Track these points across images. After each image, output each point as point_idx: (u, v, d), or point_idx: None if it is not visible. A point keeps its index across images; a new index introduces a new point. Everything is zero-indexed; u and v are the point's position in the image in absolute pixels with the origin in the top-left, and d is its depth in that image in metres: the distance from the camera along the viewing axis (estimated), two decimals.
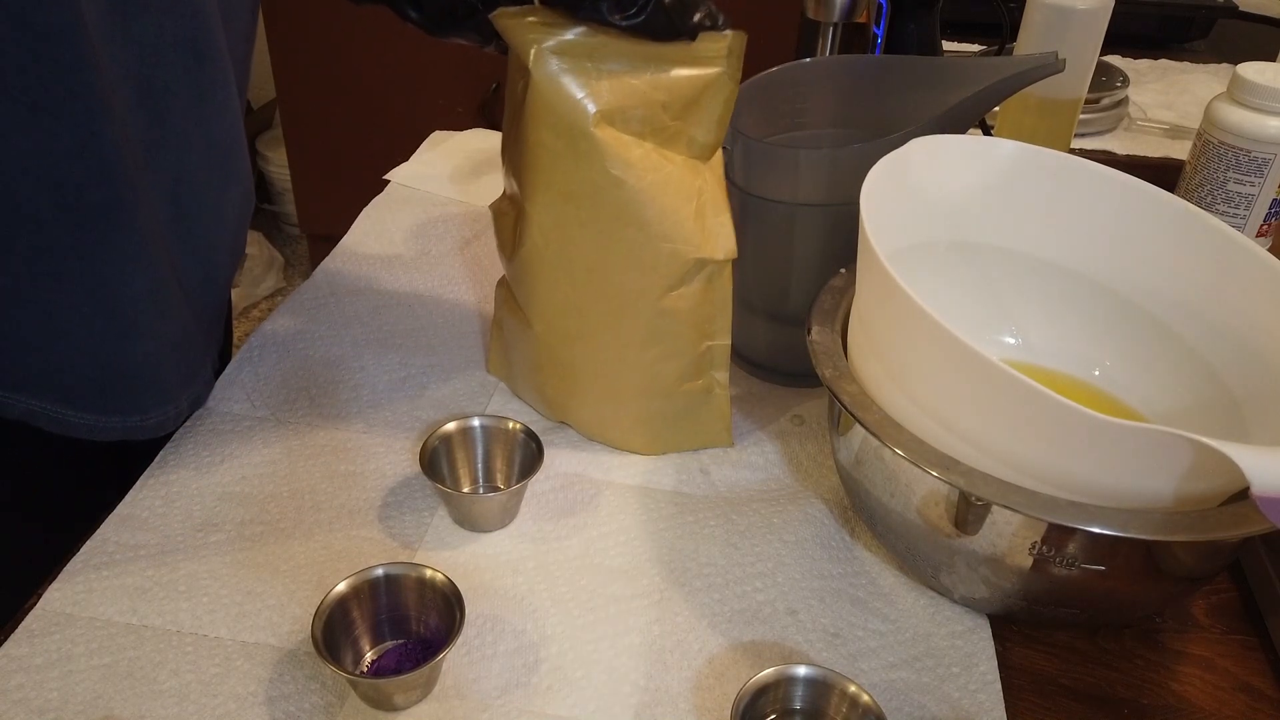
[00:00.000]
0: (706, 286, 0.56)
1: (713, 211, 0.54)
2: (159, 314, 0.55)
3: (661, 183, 0.52)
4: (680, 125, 0.52)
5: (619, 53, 0.50)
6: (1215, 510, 0.43)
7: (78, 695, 0.46)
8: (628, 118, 0.51)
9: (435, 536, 0.55)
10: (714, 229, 0.54)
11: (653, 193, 0.52)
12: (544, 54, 0.50)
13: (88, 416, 0.56)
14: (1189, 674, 0.50)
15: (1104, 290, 0.57)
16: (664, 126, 0.52)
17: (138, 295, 0.54)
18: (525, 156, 0.54)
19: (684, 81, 0.51)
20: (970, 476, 0.43)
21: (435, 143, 1.00)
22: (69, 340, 0.53)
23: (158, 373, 0.57)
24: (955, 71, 0.62)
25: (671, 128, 0.52)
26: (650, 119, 0.52)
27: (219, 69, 0.54)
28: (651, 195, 0.52)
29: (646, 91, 0.51)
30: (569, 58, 0.50)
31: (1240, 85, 0.70)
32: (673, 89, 0.51)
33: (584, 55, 0.50)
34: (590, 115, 0.50)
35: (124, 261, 0.52)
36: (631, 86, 0.51)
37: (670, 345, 0.57)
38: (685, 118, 0.52)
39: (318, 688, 0.47)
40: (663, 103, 0.51)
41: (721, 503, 0.58)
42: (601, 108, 0.51)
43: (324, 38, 1.76)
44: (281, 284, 2.17)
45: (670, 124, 0.52)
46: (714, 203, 0.54)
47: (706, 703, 0.47)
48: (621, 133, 0.51)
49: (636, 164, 0.52)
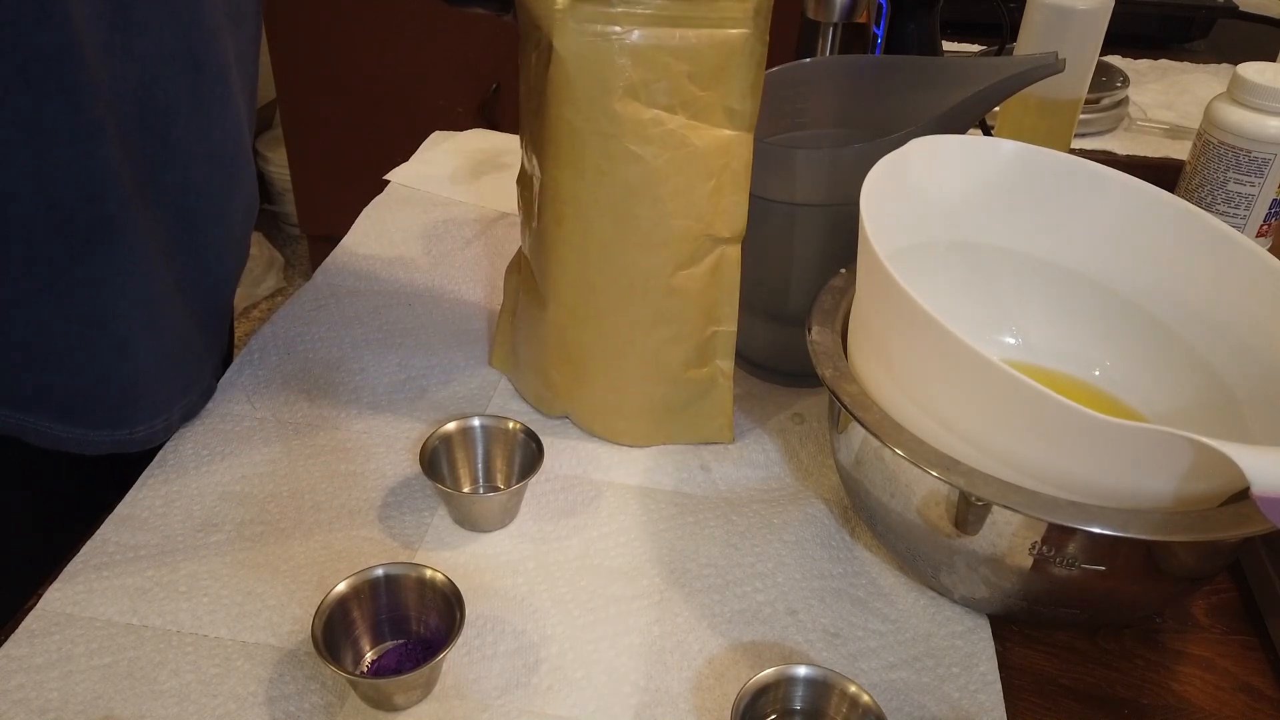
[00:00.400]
0: (714, 269, 0.57)
1: (731, 190, 0.55)
2: (153, 331, 0.55)
3: (681, 160, 0.53)
4: (711, 95, 0.52)
5: (641, 23, 0.50)
6: (1215, 510, 0.43)
7: (78, 695, 0.46)
8: (652, 92, 0.51)
9: (435, 536, 0.55)
10: (728, 207, 0.55)
11: (668, 170, 0.53)
12: (568, 30, 0.50)
13: (77, 431, 0.56)
14: (1189, 674, 0.50)
15: (1104, 290, 0.57)
16: (694, 98, 0.52)
17: (131, 313, 0.54)
18: (546, 131, 0.54)
19: (708, 49, 0.51)
20: (970, 477, 0.43)
21: (435, 143, 1.00)
22: (61, 357, 0.53)
23: (150, 387, 0.57)
24: (955, 71, 0.62)
25: (702, 98, 0.52)
26: (677, 91, 0.51)
27: (218, 77, 0.54)
28: (667, 173, 0.53)
29: (669, 63, 0.50)
30: (591, 33, 0.50)
31: (1240, 85, 0.70)
32: (697, 57, 0.51)
33: (605, 29, 0.50)
34: (613, 92, 0.51)
35: (118, 280, 0.52)
36: (654, 60, 0.50)
37: (677, 327, 0.58)
38: (715, 87, 0.52)
39: (318, 688, 0.47)
40: (688, 73, 0.51)
41: (721, 503, 0.58)
42: (624, 84, 0.51)
43: (324, 38, 1.76)
44: (282, 284, 2.17)
45: (700, 94, 0.52)
46: (735, 181, 0.54)
47: (706, 703, 0.47)
48: (646, 107, 0.51)
49: (656, 140, 0.52)
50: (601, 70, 0.51)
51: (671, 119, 0.52)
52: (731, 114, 0.53)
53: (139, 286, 0.53)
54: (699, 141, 0.53)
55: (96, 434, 0.56)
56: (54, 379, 0.53)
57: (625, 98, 0.51)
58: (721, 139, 0.53)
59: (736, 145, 0.54)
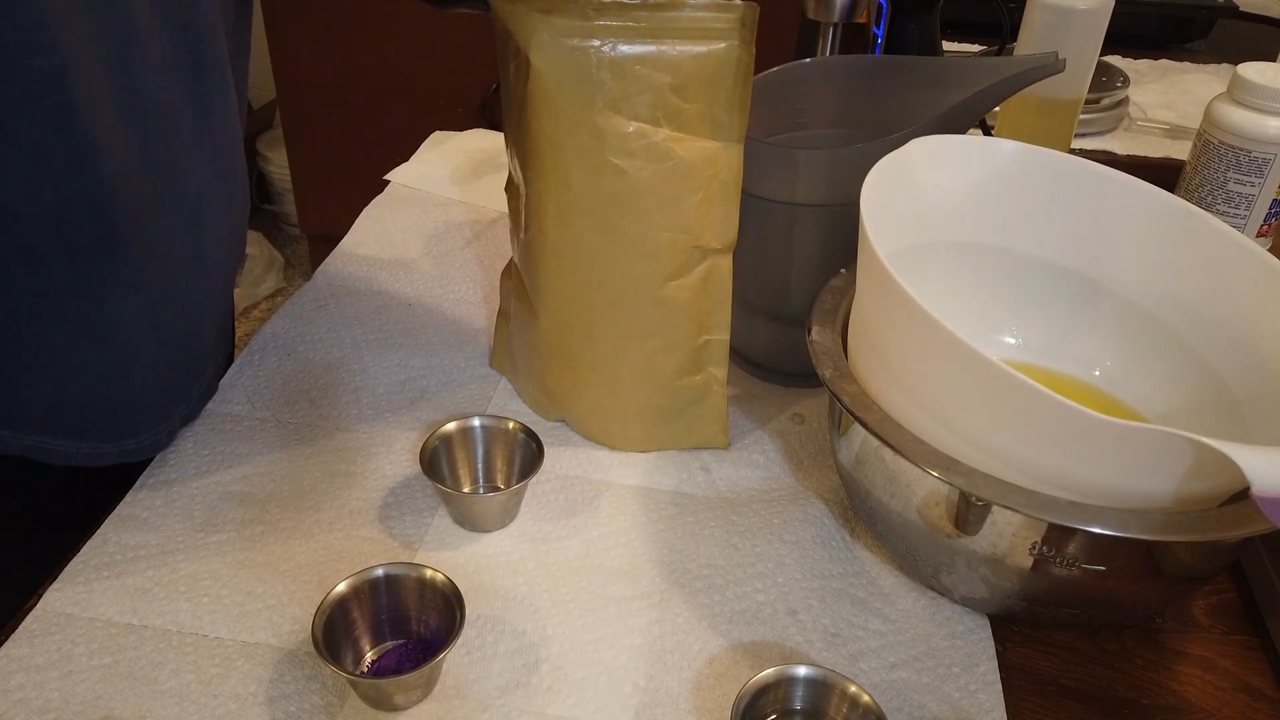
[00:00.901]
0: (705, 278, 0.56)
1: (720, 201, 0.54)
2: (157, 342, 0.55)
3: (665, 172, 0.52)
4: (696, 108, 0.51)
5: (621, 35, 0.49)
6: (1215, 510, 0.43)
7: (78, 695, 0.46)
8: (634, 105, 0.50)
9: (435, 536, 0.55)
10: (717, 218, 0.54)
11: (653, 182, 0.52)
12: (544, 44, 0.49)
13: (87, 445, 0.56)
14: (1189, 674, 0.50)
15: (1104, 290, 0.57)
16: (678, 110, 0.51)
17: (135, 327, 0.54)
18: (528, 143, 0.53)
19: (691, 61, 0.49)
20: (971, 477, 0.43)
21: (435, 143, 1.00)
22: (69, 375, 0.53)
23: (154, 396, 0.58)
24: (955, 71, 0.62)
25: (687, 110, 0.51)
26: (660, 103, 0.50)
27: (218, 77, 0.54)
28: (652, 185, 0.52)
29: (650, 76, 0.49)
30: (570, 45, 0.49)
31: (1240, 85, 0.70)
32: (679, 70, 0.50)
33: (583, 43, 0.49)
34: (592, 106, 0.50)
35: (121, 295, 0.52)
36: (634, 73, 0.49)
37: (669, 337, 0.57)
38: (700, 99, 0.51)
39: (318, 688, 0.47)
40: (670, 85, 0.50)
41: (721, 503, 0.58)
42: (604, 98, 0.50)
43: (324, 38, 1.76)
44: (282, 284, 2.17)
45: (685, 107, 0.51)
46: (724, 192, 0.54)
47: (707, 703, 0.47)
48: (629, 120, 0.50)
49: (639, 153, 0.51)
50: (580, 84, 0.50)
51: (655, 132, 0.51)
52: (718, 126, 0.52)
53: (143, 301, 0.53)
54: (685, 154, 0.52)
55: (104, 446, 0.56)
56: (62, 397, 0.53)
57: (606, 111, 0.50)
58: (708, 151, 0.52)
59: (725, 156, 0.53)
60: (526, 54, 0.50)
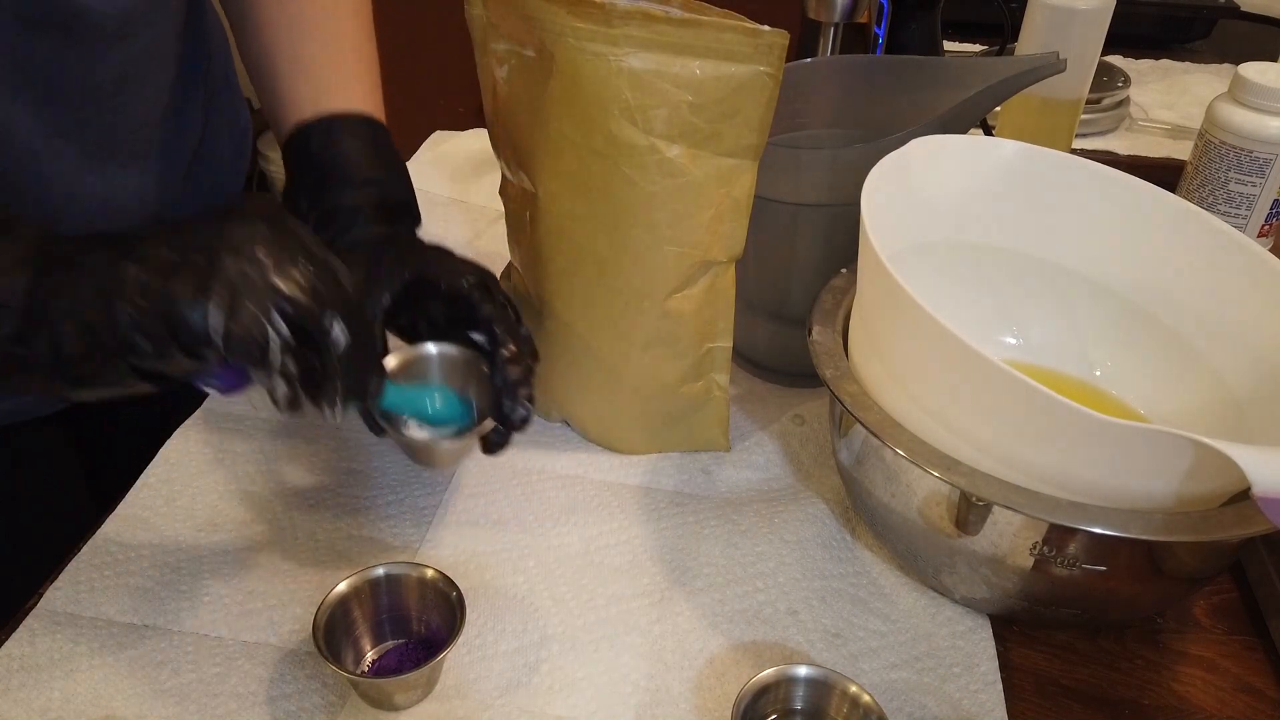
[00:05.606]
0: (710, 288, 0.56)
1: (731, 217, 0.53)
2: None
3: (677, 189, 0.51)
4: (715, 128, 0.49)
5: (640, 47, 0.47)
6: (1216, 511, 0.43)
7: (79, 695, 0.46)
8: (650, 119, 0.49)
9: (435, 536, 0.55)
10: (726, 233, 0.53)
11: (664, 197, 0.51)
12: (568, 45, 0.48)
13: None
14: (1190, 674, 0.50)
15: (1104, 290, 0.57)
16: (694, 128, 0.49)
17: None
18: (545, 143, 0.52)
19: (714, 82, 0.48)
20: (971, 477, 0.43)
21: (435, 143, 1.00)
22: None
23: None
24: (956, 72, 0.62)
25: (704, 129, 0.49)
26: (676, 120, 0.49)
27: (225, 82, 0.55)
28: (663, 200, 0.51)
29: (669, 91, 0.48)
30: (589, 52, 0.48)
31: (1241, 85, 0.69)
32: (702, 89, 0.48)
33: (604, 49, 0.48)
34: (609, 114, 0.49)
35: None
36: (653, 86, 0.48)
37: (673, 347, 0.57)
38: (720, 121, 0.49)
39: (319, 687, 0.47)
40: (690, 104, 0.48)
41: (722, 502, 0.58)
42: (620, 107, 0.49)
43: None
44: None
45: (703, 126, 0.49)
46: (735, 209, 0.53)
47: (707, 703, 0.47)
48: (644, 134, 0.49)
49: (651, 168, 0.50)
50: (599, 90, 0.49)
51: (669, 148, 0.50)
52: (736, 147, 0.50)
53: None
54: (698, 171, 0.51)
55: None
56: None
57: (621, 120, 0.49)
58: (723, 168, 0.51)
59: (739, 174, 0.52)
60: (551, 50, 0.49)
